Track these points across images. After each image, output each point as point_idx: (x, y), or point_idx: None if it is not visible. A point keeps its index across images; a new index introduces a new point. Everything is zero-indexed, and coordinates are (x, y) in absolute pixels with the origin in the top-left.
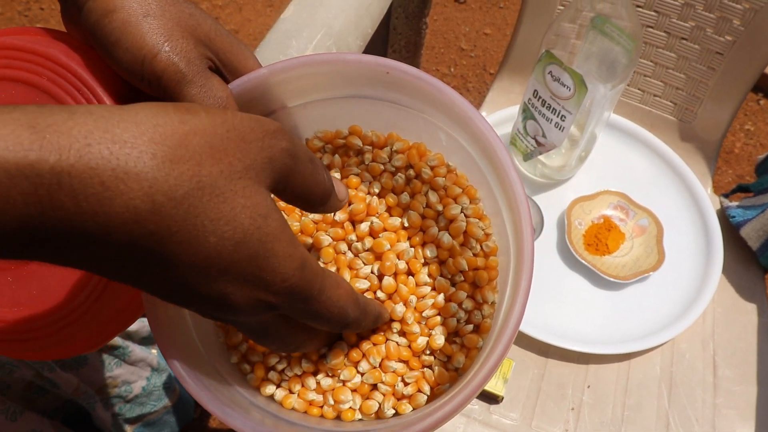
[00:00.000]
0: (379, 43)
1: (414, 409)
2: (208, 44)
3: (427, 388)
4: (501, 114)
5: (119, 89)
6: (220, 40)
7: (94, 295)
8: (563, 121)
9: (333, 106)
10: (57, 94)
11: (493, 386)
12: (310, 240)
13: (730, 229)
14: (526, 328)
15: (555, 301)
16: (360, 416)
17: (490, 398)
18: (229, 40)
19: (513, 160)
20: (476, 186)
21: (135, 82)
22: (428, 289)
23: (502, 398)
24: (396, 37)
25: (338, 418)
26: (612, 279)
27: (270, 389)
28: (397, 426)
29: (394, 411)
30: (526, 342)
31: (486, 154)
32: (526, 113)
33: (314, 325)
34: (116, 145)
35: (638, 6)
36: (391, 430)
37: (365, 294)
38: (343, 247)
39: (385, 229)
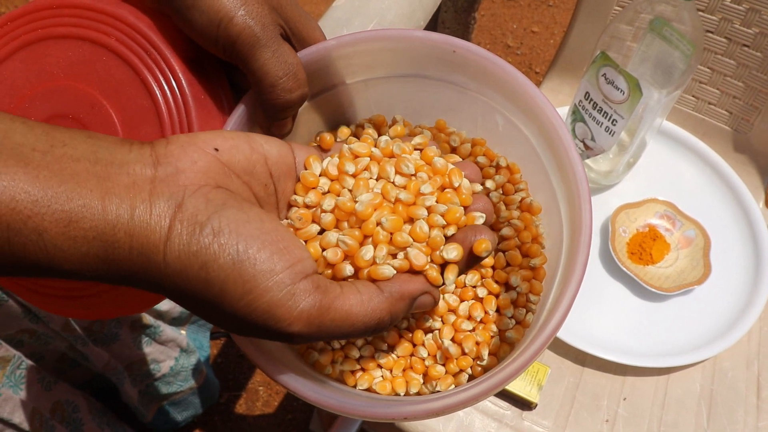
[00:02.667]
0: None
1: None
2: (280, 12)
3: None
4: None
5: (188, 53)
6: (290, 9)
7: None
8: (614, 125)
9: (393, 84)
10: (124, 54)
11: (527, 392)
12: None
13: None
14: (563, 334)
15: (594, 309)
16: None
17: (523, 404)
18: (297, 10)
19: (574, 144)
20: (532, 173)
21: (208, 45)
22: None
23: (536, 405)
24: (444, 31)
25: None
26: (654, 290)
27: (313, 356)
28: (406, 401)
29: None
30: (563, 349)
31: (546, 138)
32: (576, 115)
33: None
34: None
35: (699, 10)
36: (393, 403)
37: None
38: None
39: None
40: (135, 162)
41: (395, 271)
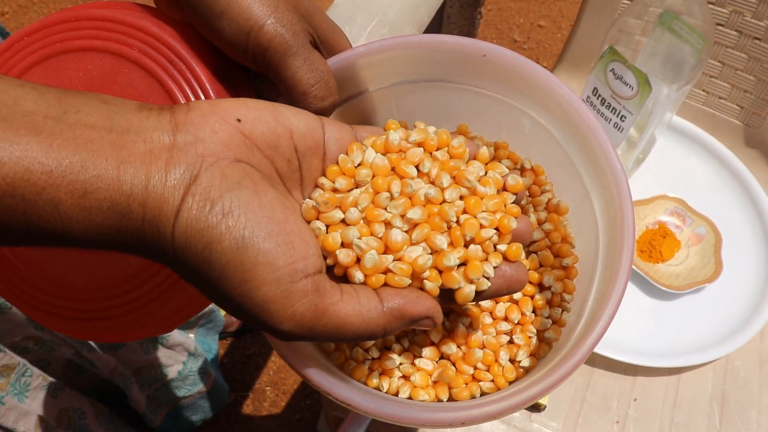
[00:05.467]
0: (432, 32)
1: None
2: (308, 20)
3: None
4: None
5: (214, 63)
6: (317, 16)
7: (173, 278)
8: (623, 121)
9: (416, 90)
10: (147, 66)
11: None
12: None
13: None
14: None
15: None
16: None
17: (532, 406)
18: (325, 18)
19: (610, 140)
20: (559, 174)
21: (236, 55)
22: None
23: (545, 407)
24: (449, 26)
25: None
26: (665, 288)
27: (351, 365)
28: (458, 407)
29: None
30: None
31: (580, 137)
32: None
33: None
34: None
35: (710, 2)
36: (446, 409)
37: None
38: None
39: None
40: (152, 129)
41: (410, 282)
